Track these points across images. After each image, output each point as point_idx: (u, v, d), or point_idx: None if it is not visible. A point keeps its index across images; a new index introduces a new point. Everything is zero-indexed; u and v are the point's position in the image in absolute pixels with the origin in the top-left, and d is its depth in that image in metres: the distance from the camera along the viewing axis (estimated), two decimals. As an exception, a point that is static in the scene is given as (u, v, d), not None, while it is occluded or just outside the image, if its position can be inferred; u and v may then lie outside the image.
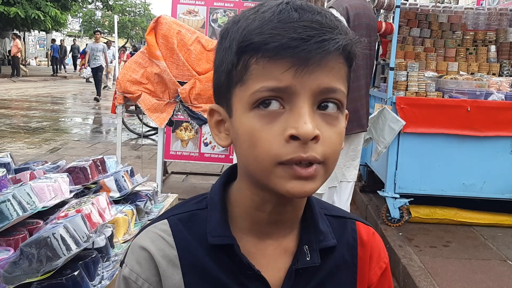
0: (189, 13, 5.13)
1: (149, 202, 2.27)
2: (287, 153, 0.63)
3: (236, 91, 0.67)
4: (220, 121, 0.73)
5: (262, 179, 0.66)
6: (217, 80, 0.72)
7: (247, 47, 0.64)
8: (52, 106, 12.14)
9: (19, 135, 7.95)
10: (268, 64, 0.63)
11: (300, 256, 0.74)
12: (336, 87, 0.66)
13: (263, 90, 0.64)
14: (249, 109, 0.65)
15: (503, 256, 3.44)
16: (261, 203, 0.72)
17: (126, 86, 3.69)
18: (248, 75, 0.65)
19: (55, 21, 19.80)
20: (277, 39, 0.62)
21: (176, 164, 5.61)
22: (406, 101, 3.90)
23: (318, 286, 0.76)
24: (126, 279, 0.74)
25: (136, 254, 0.74)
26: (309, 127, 0.62)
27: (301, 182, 0.64)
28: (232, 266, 0.72)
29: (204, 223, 0.75)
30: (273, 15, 0.64)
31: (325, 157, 0.65)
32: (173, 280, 0.73)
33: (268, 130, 0.64)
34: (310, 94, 0.64)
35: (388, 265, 0.84)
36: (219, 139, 0.73)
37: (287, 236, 0.76)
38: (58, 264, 1.47)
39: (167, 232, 0.75)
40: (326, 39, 0.62)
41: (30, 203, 1.81)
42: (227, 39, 0.68)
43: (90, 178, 2.19)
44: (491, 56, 4.68)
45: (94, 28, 40.36)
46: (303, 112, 0.63)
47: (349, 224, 0.83)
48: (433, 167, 3.93)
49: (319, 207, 0.80)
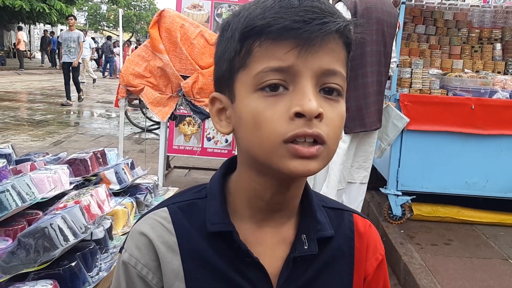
0: (194, 7, 5.12)
1: (149, 195, 2.27)
2: (292, 129, 0.64)
3: (238, 76, 0.69)
4: (221, 109, 0.74)
5: (266, 160, 0.67)
6: (219, 70, 0.73)
7: (250, 31, 0.66)
8: (56, 99, 12.16)
9: (23, 127, 7.97)
10: (271, 45, 0.65)
11: (298, 244, 0.75)
12: (336, 69, 0.67)
13: (266, 71, 0.65)
14: (253, 91, 0.66)
15: (504, 255, 3.42)
16: (261, 190, 0.73)
17: (129, 80, 3.69)
18: (251, 59, 0.67)
19: (61, 14, 19.81)
20: (280, 21, 0.64)
21: (178, 159, 5.61)
22: (410, 98, 3.88)
23: (316, 275, 0.76)
24: (125, 264, 0.75)
25: (136, 239, 0.75)
26: (314, 104, 0.63)
27: (304, 161, 0.65)
28: (230, 254, 0.73)
29: (203, 212, 0.75)
30: (274, 2, 0.66)
31: (327, 137, 0.66)
32: (172, 265, 0.73)
33: (272, 110, 0.65)
34: (313, 74, 0.65)
35: (384, 257, 0.85)
36: (220, 127, 0.74)
37: (285, 225, 0.77)
38: (55, 255, 1.47)
39: (166, 219, 0.76)
40: (327, 21, 0.64)
41: (30, 194, 1.81)
42: (229, 30, 0.70)
43: (91, 170, 2.19)
44: (496, 54, 4.65)
45: (100, 22, 40.55)
46: (307, 90, 0.65)
47: (346, 215, 0.84)
48: (436, 165, 3.91)
49: (317, 199, 0.81)
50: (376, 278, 0.83)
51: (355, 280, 0.80)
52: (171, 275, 0.73)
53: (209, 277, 0.73)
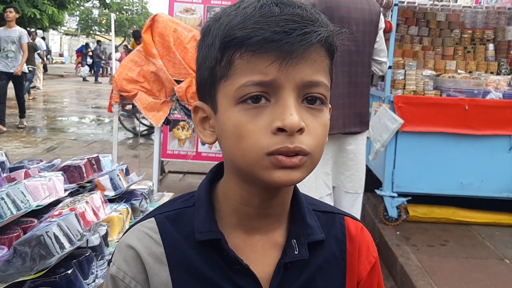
0: (186, 11, 5.12)
1: (144, 201, 2.26)
2: (274, 144, 0.64)
3: (220, 87, 0.68)
4: (205, 118, 0.74)
5: (249, 172, 0.67)
6: (201, 77, 0.72)
7: (230, 42, 0.65)
8: (49, 104, 12.10)
9: (15, 134, 7.91)
10: (252, 58, 0.64)
11: (288, 250, 0.75)
12: (318, 80, 0.67)
13: (248, 85, 0.65)
14: (235, 104, 0.66)
15: (500, 255, 3.44)
16: (248, 197, 0.73)
17: (122, 85, 3.67)
18: (232, 70, 0.66)
19: (52, 19, 19.72)
20: (260, 33, 0.63)
21: (173, 164, 5.59)
22: (403, 99, 3.89)
23: (308, 280, 0.76)
24: (113, 277, 0.75)
25: (123, 252, 0.75)
26: (295, 119, 0.63)
27: (287, 171, 0.65)
28: (220, 262, 0.73)
29: (191, 220, 0.75)
30: (255, 10, 0.65)
31: (310, 148, 0.66)
32: (160, 277, 0.73)
33: (254, 123, 0.65)
34: (294, 87, 0.65)
35: (377, 259, 0.85)
36: (204, 136, 0.74)
37: (276, 230, 0.77)
38: (51, 263, 1.45)
39: (153, 230, 0.75)
40: (308, 31, 0.63)
41: (24, 201, 1.78)
42: (209, 36, 0.69)
43: (85, 177, 2.17)
44: (489, 55, 4.68)
45: (92, 27, 40.39)
46: (289, 104, 0.64)
47: (337, 219, 0.83)
48: (430, 166, 3.92)
49: (307, 202, 0.81)
50: (369, 281, 0.83)
51: (347, 284, 0.80)
52: (160, 287, 0.73)
53: (198, 287, 0.73)
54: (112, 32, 5.61)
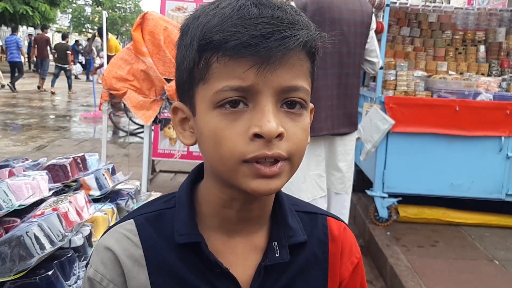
0: (178, 9, 5.09)
1: (130, 200, 2.22)
2: (252, 151, 0.63)
3: (198, 90, 0.67)
4: (184, 119, 0.73)
5: (228, 178, 0.66)
6: (179, 78, 0.71)
7: (208, 45, 0.63)
8: (40, 103, 12.01)
9: (5, 132, 7.84)
10: (230, 62, 0.63)
11: (269, 252, 0.74)
12: (297, 85, 0.66)
13: (226, 90, 0.63)
14: (212, 108, 0.65)
15: (490, 256, 3.44)
16: (229, 200, 0.72)
17: (112, 83, 3.63)
18: (210, 74, 0.64)
19: (44, 16, 19.59)
20: (237, 37, 0.61)
21: (164, 163, 5.56)
22: (395, 100, 3.89)
23: (289, 283, 0.75)
24: (91, 280, 0.73)
25: (101, 254, 0.73)
26: (273, 125, 0.62)
27: (266, 180, 0.64)
28: (200, 265, 0.72)
29: (171, 222, 0.73)
30: (233, 11, 0.63)
31: (290, 153, 0.65)
32: (138, 280, 0.72)
33: (232, 129, 0.64)
34: (273, 92, 0.64)
35: (360, 260, 0.84)
36: (183, 138, 0.73)
37: (257, 233, 0.76)
38: (31, 264, 1.42)
39: (132, 232, 0.74)
40: (287, 36, 0.62)
41: (7, 201, 1.75)
42: (188, 35, 0.68)
43: (70, 176, 2.14)
44: (480, 56, 4.69)
45: (84, 25, 40.14)
46: (266, 110, 0.63)
47: (320, 219, 0.82)
48: (421, 167, 3.92)
49: (290, 203, 0.80)
50: (352, 282, 0.82)
51: (329, 285, 0.79)
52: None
53: None
54: (104, 30, 5.57)
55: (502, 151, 3.87)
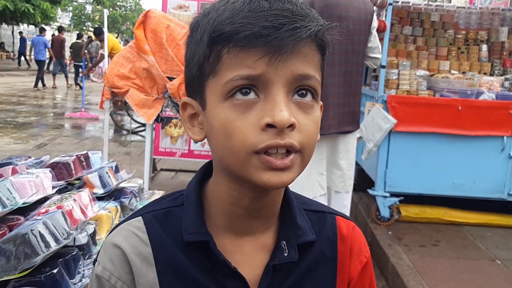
0: (180, 8, 5.08)
1: (134, 199, 2.22)
2: (263, 140, 0.62)
3: (209, 83, 0.67)
4: (194, 114, 0.72)
5: (238, 171, 0.65)
6: (189, 74, 0.71)
7: (218, 37, 0.63)
8: (40, 101, 12.00)
9: (6, 130, 7.83)
10: (241, 53, 0.62)
11: (278, 252, 0.73)
12: (310, 73, 0.65)
13: (236, 79, 0.63)
14: (223, 100, 0.64)
15: (491, 256, 3.44)
16: (238, 197, 0.71)
17: (114, 81, 3.62)
18: (220, 66, 0.64)
19: (45, 14, 19.58)
20: (249, 28, 0.61)
21: (165, 161, 5.55)
22: (397, 99, 3.88)
23: (297, 282, 0.74)
24: (98, 277, 0.72)
25: (109, 252, 0.73)
26: (285, 115, 0.61)
27: (278, 173, 0.64)
28: (208, 264, 0.71)
29: (179, 220, 0.73)
30: (243, 5, 0.63)
31: (302, 145, 0.64)
32: (147, 278, 0.71)
33: (243, 120, 0.63)
34: (285, 82, 0.63)
35: (369, 259, 0.83)
36: (192, 133, 0.72)
37: (265, 232, 0.75)
38: (36, 262, 1.41)
39: (141, 229, 0.73)
40: (298, 26, 0.62)
41: (10, 198, 1.75)
42: (198, 31, 0.68)
43: (74, 174, 2.13)
44: (483, 56, 4.68)
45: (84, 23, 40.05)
46: (278, 100, 0.62)
47: (328, 218, 0.82)
48: (423, 166, 3.91)
49: (298, 202, 0.80)
50: (361, 281, 0.81)
51: (338, 285, 0.78)
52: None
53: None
54: (105, 28, 5.55)
55: (504, 151, 3.86)
